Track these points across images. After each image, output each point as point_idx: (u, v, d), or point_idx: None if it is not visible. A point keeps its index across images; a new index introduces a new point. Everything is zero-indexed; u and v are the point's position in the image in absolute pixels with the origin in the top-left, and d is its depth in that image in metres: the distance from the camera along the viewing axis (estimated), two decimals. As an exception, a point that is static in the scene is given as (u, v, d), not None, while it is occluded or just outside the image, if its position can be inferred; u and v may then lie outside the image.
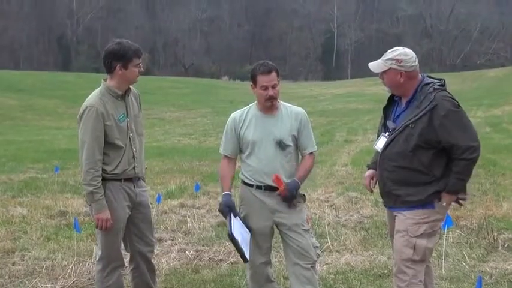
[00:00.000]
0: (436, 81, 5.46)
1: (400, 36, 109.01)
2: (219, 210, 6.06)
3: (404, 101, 5.53)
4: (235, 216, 5.92)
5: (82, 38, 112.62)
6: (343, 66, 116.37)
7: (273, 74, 5.90)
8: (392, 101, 5.72)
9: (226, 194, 6.03)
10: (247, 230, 5.99)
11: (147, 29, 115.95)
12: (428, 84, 5.40)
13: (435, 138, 5.25)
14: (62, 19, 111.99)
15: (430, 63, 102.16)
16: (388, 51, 5.50)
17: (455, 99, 5.34)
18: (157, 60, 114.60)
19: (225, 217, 5.93)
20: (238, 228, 5.88)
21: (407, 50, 5.45)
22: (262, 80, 5.88)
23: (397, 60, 5.37)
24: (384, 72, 5.45)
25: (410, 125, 5.31)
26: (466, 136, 5.24)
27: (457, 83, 62.54)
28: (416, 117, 5.28)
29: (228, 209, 5.91)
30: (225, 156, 6.19)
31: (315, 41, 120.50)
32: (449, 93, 5.39)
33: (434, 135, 5.24)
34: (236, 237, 5.76)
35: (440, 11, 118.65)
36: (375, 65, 5.52)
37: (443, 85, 5.44)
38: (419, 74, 5.51)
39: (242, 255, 5.84)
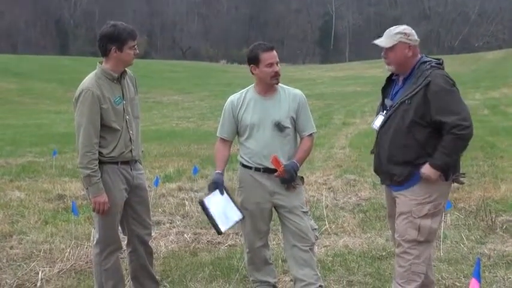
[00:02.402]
0: (434, 60, 5.47)
1: (398, 18, 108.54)
2: (208, 186, 6.08)
3: (401, 79, 5.53)
4: (221, 193, 5.94)
5: (80, 22, 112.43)
6: (341, 49, 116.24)
7: (274, 51, 5.92)
8: (390, 81, 5.72)
9: (217, 172, 6.04)
10: (237, 211, 5.99)
11: (145, 12, 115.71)
12: (425, 62, 5.42)
13: (430, 114, 5.24)
14: (60, 2, 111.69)
15: (429, 46, 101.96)
16: (391, 28, 5.51)
17: (450, 78, 5.33)
18: (155, 44, 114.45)
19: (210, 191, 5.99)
20: (219, 201, 5.93)
21: (408, 27, 5.53)
22: (267, 57, 5.87)
23: (405, 33, 5.41)
24: (391, 48, 5.43)
25: (407, 101, 5.31)
26: (456, 114, 5.20)
27: (455, 66, 62.51)
28: (412, 93, 5.28)
29: (214, 185, 5.94)
30: (221, 138, 6.18)
31: (312, 24, 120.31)
32: (446, 73, 5.39)
33: (428, 110, 5.23)
34: (207, 205, 5.87)
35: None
36: (384, 40, 5.48)
37: (440, 64, 5.44)
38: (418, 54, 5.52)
39: (214, 226, 5.94)
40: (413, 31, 5.48)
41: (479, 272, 4.41)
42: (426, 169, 5.31)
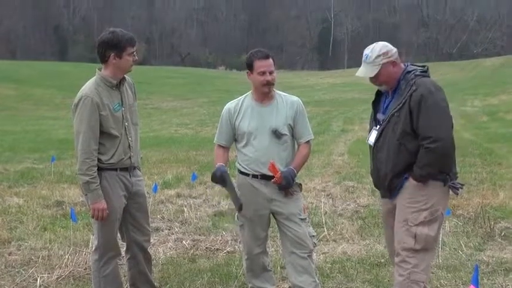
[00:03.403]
0: (418, 68, 5.47)
1: (396, 25, 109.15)
2: (212, 176, 5.98)
3: (390, 92, 5.53)
4: (228, 179, 5.90)
5: (79, 28, 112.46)
6: (339, 56, 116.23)
7: (270, 59, 5.92)
8: (380, 94, 5.72)
9: (219, 164, 6.00)
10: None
11: (144, 18, 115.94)
12: (410, 71, 5.41)
13: (413, 123, 5.26)
14: (59, 9, 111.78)
15: (427, 53, 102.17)
16: (366, 53, 5.45)
17: (434, 85, 5.31)
18: (154, 50, 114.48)
19: (217, 180, 5.91)
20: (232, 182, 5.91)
21: (382, 42, 5.52)
22: (259, 65, 5.88)
23: (384, 53, 5.39)
24: (378, 72, 5.43)
25: (396, 114, 5.32)
26: (428, 125, 5.19)
27: (454, 72, 62.68)
28: (400, 105, 5.30)
29: (219, 172, 5.87)
30: (219, 145, 6.19)
31: (311, 31, 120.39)
32: (431, 80, 5.39)
33: (413, 120, 5.25)
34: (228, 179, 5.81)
35: (437, 0, 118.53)
36: (366, 71, 5.46)
37: (425, 71, 5.44)
38: (402, 64, 5.52)
39: (235, 199, 5.86)
40: (389, 46, 5.45)
41: (477, 279, 4.42)
42: (410, 182, 5.37)
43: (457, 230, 9.21)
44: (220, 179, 5.88)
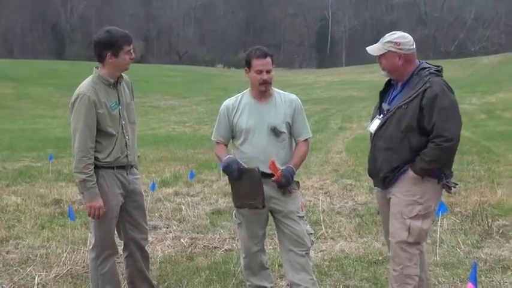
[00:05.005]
0: (433, 66, 5.50)
1: (394, 23, 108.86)
2: (224, 166, 5.92)
3: (400, 84, 5.56)
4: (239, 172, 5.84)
5: (76, 26, 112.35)
6: (337, 54, 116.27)
7: (268, 58, 5.90)
8: (389, 85, 5.75)
9: (230, 156, 5.95)
10: None
11: (141, 16, 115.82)
12: (424, 68, 5.46)
13: (423, 121, 5.28)
14: (56, 7, 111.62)
15: (425, 50, 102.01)
16: (387, 34, 5.55)
17: (448, 86, 5.37)
18: (152, 48, 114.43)
19: (232, 171, 5.83)
20: None
21: (406, 34, 5.54)
22: (257, 63, 5.87)
23: (396, 43, 5.43)
24: (383, 55, 5.49)
25: (403, 106, 5.36)
26: (442, 124, 5.24)
27: (451, 70, 62.51)
28: (409, 99, 5.33)
29: (230, 164, 5.82)
30: (218, 142, 6.17)
31: (309, 28, 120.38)
32: (445, 80, 5.42)
33: (422, 117, 5.27)
34: None
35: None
36: (374, 48, 5.56)
37: (439, 71, 5.47)
38: (417, 60, 5.53)
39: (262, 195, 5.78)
40: (407, 39, 5.47)
41: (475, 277, 4.41)
42: (407, 175, 5.42)
43: (455, 228, 9.21)
44: (238, 172, 5.82)
